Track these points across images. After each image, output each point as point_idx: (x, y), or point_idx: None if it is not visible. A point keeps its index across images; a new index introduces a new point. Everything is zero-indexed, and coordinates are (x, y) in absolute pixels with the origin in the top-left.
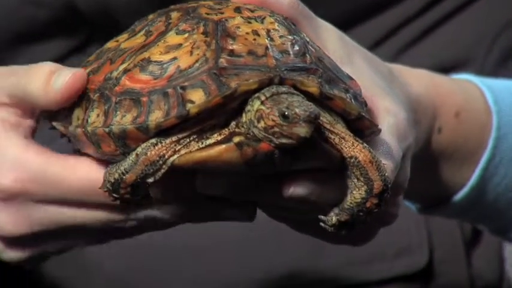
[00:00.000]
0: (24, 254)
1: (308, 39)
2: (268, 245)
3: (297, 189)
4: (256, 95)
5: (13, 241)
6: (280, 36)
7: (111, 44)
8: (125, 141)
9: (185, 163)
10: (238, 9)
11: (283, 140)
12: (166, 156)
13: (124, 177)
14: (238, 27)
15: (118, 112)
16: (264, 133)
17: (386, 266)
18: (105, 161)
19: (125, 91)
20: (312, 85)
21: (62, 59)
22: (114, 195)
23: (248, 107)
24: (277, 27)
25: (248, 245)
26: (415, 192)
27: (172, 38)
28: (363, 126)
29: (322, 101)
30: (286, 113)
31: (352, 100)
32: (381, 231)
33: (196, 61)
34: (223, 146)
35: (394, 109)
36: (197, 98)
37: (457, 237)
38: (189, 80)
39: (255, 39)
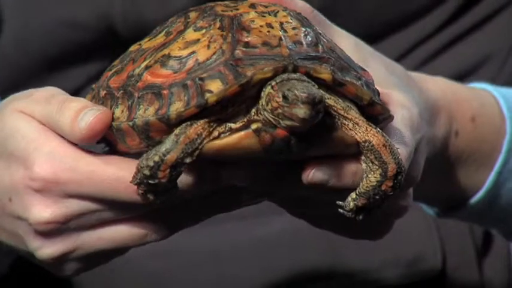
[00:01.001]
0: (60, 248)
1: (320, 31)
2: (285, 250)
3: (316, 174)
4: (270, 82)
5: (48, 233)
6: (293, 28)
7: (133, 48)
8: (149, 134)
9: (208, 151)
10: (252, 6)
11: (287, 122)
12: (203, 135)
13: (165, 158)
14: (253, 21)
15: (141, 106)
16: (271, 115)
17: (400, 272)
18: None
19: (146, 86)
20: (325, 72)
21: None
22: (150, 181)
23: (262, 93)
24: (290, 20)
25: (266, 250)
26: (434, 195)
27: (190, 35)
28: (375, 112)
29: (335, 87)
30: (286, 94)
31: (364, 87)
32: (394, 238)
33: (214, 54)
34: (242, 132)
35: (407, 104)
36: (215, 87)
37: (469, 245)
38: (207, 71)
39: (269, 31)
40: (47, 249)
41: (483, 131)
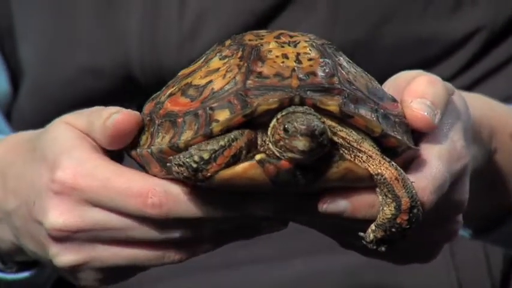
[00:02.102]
0: (75, 258)
1: (342, 63)
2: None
3: (331, 204)
4: (277, 114)
5: (63, 240)
6: (310, 59)
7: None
8: (165, 162)
9: (217, 180)
10: (278, 36)
11: (290, 154)
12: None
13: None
14: (270, 51)
15: (159, 133)
16: (275, 147)
17: None
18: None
19: (166, 114)
20: (332, 104)
21: None
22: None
23: (269, 125)
24: (308, 51)
25: (281, 262)
26: (471, 215)
27: (214, 63)
28: (391, 144)
29: (345, 119)
30: (286, 127)
31: (379, 119)
32: (412, 274)
33: (228, 83)
34: (247, 163)
35: (452, 134)
36: (223, 117)
37: (484, 274)
38: (218, 101)
39: (283, 62)
40: (63, 257)
41: None
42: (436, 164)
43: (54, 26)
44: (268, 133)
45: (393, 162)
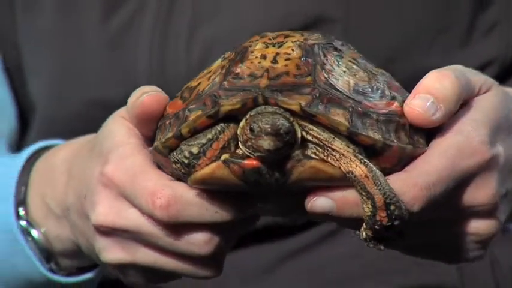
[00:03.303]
0: (119, 257)
1: (329, 63)
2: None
3: (316, 203)
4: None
5: (108, 234)
6: (287, 59)
7: None
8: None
9: (193, 180)
10: (275, 37)
11: (257, 154)
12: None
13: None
14: (252, 52)
15: (158, 136)
16: (245, 147)
17: None
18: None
19: (164, 116)
20: (293, 103)
21: None
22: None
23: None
24: (290, 51)
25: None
26: None
27: (214, 66)
28: (363, 142)
29: (308, 118)
30: (252, 127)
31: (352, 117)
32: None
33: (209, 84)
34: (214, 164)
35: (466, 128)
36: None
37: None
38: (196, 102)
39: (259, 62)
40: (108, 254)
41: None
42: (435, 159)
43: (64, 61)
44: (238, 133)
45: (365, 160)
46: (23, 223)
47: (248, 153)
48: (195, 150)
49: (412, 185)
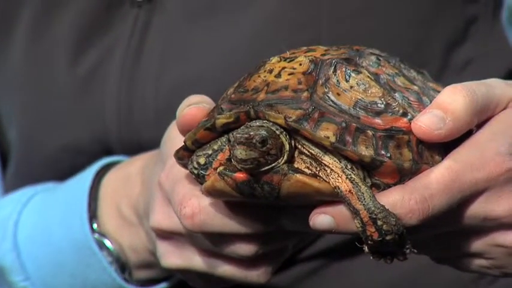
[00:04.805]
0: (177, 262)
1: (336, 79)
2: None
3: (317, 220)
4: None
5: (167, 238)
6: (290, 74)
7: None
8: None
9: (204, 193)
10: (294, 52)
11: (240, 165)
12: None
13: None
14: (265, 66)
15: None
16: (233, 160)
17: None
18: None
19: None
20: (278, 117)
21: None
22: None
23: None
24: (297, 66)
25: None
26: None
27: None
28: (352, 158)
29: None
30: (229, 137)
31: (342, 133)
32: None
33: (223, 98)
34: (213, 176)
35: (482, 140)
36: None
37: None
38: (209, 114)
39: (265, 76)
40: (167, 259)
41: None
42: (436, 173)
43: (33, 106)
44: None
45: (352, 176)
46: (96, 235)
47: (238, 166)
48: (202, 161)
49: (407, 198)
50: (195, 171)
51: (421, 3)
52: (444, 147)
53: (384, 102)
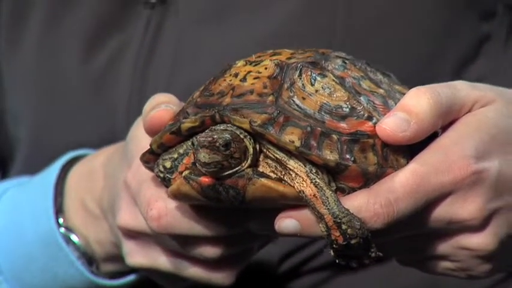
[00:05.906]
0: (141, 262)
1: (301, 82)
2: None
3: (282, 224)
4: None
5: (131, 237)
6: (255, 78)
7: None
8: None
9: (169, 196)
10: (259, 55)
11: (204, 169)
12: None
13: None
14: (230, 70)
15: None
16: (197, 163)
17: None
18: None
19: None
20: (244, 121)
21: None
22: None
23: None
24: (263, 70)
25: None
26: None
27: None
28: (316, 162)
29: (259, 135)
30: (192, 141)
31: (308, 136)
32: None
33: (189, 101)
34: (179, 180)
35: (447, 143)
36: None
37: None
38: (178, 115)
39: (230, 80)
40: (132, 258)
41: None
42: (401, 176)
43: (44, 105)
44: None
45: (317, 180)
46: (62, 230)
47: (203, 171)
48: (168, 164)
49: (372, 202)
50: (161, 175)
51: (437, 18)
52: (409, 150)
53: (349, 106)
